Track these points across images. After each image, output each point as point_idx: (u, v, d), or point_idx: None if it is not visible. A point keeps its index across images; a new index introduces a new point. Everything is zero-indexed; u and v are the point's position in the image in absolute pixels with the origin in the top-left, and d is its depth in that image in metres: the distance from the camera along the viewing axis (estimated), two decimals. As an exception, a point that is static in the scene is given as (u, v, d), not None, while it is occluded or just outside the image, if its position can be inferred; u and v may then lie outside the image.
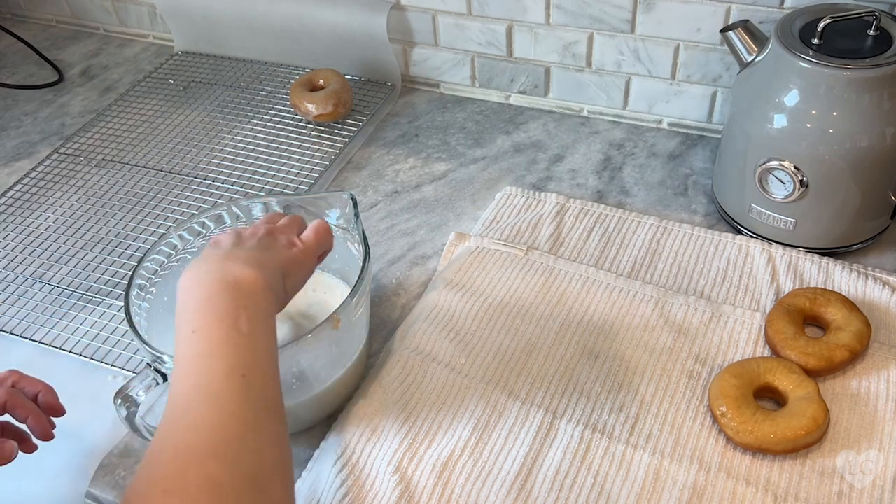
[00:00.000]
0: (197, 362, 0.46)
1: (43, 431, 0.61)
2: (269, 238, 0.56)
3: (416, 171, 0.94)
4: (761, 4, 0.83)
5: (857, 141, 0.70)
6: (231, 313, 0.48)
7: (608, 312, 0.73)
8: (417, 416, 0.65)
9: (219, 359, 0.46)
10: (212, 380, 0.45)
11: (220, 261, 0.52)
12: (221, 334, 0.47)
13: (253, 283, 0.50)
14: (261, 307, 0.49)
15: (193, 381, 0.45)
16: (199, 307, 0.48)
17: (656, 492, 0.60)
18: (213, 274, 0.50)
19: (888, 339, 0.68)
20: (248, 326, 0.47)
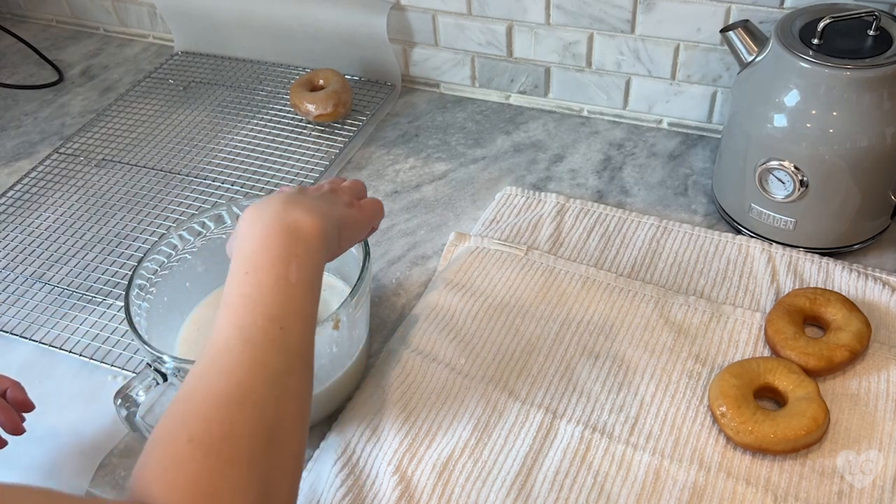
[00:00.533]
0: (242, 305, 0.48)
1: (14, 426, 0.62)
2: (331, 194, 0.59)
3: (416, 171, 0.94)
4: (761, 4, 0.83)
5: (857, 141, 0.70)
6: (283, 260, 0.49)
7: (608, 312, 0.73)
8: (417, 416, 0.65)
9: (263, 306, 0.48)
10: (253, 324, 0.47)
11: (282, 203, 0.53)
12: (270, 281, 0.49)
13: (310, 230, 0.52)
14: (312, 256, 0.51)
15: (236, 322, 0.47)
16: (254, 248, 0.50)
17: (656, 492, 0.60)
18: (274, 216, 0.52)
19: (888, 339, 0.68)
20: (296, 276, 0.49)
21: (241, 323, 0.47)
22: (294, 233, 0.51)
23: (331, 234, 0.54)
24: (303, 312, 0.49)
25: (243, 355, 0.45)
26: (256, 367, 0.45)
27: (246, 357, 0.45)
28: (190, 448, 0.41)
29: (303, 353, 0.49)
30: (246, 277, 0.49)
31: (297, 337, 0.48)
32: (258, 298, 0.48)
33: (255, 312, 0.47)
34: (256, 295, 0.48)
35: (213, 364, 0.46)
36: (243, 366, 0.45)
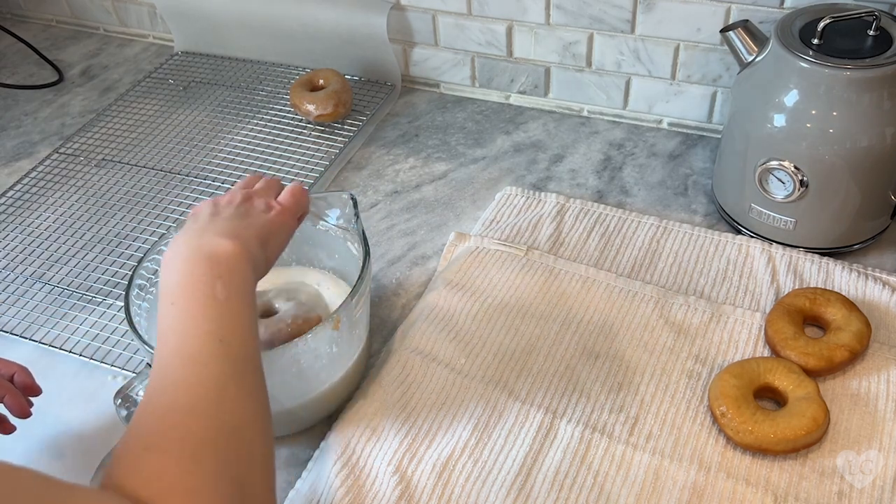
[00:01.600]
0: (175, 329, 0.48)
1: (21, 410, 0.63)
2: (246, 205, 0.57)
3: (416, 171, 0.94)
4: (761, 4, 0.83)
5: (857, 141, 0.70)
6: (208, 283, 0.49)
7: (608, 312, 0.73)
8: (417, 416, 0.65)
9: (196, 326, 0.47)
10: (189, 343, 0.47)
11: (196, 234, 0.53)
12: (198, 303, 0.48)
13: (229, 254, 0.51)
14: (238, 276, 0.51)
15: (172, 346, 0.47)
16: (177, 280, 0.50)
17: (656, 492, 0.60)
18: (191, 248, 0.52)
19: (888, 339, 0.68)
20: (224, 293, 0.49)
21: (177, 345, 0.47)
22: (214, 258, 0.51)
23: (254, 253, 0.53)
24: (239, 323, 0.49)
25: (185, 372, 0.45)
26: (201, 381, 0.45)
27: (188, 373, 0.45)
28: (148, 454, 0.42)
29: (248, 358, 0.48)
30: (173, 308, 0.49)
31: (238, 346, 0.48)
32: (190, 321, 0.48)
33: (188, 334, 0.47)
34: (187, 318, 0.48)
35: (157, 387, 0.46)
36: (187, 381, 0.45)
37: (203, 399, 0.44)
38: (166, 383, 0.45)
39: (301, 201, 0.61)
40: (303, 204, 0.61)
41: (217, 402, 0.44)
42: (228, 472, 0.42)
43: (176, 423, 0.43)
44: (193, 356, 0.46)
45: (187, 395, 0.44)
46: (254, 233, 0.54)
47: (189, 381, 0.45)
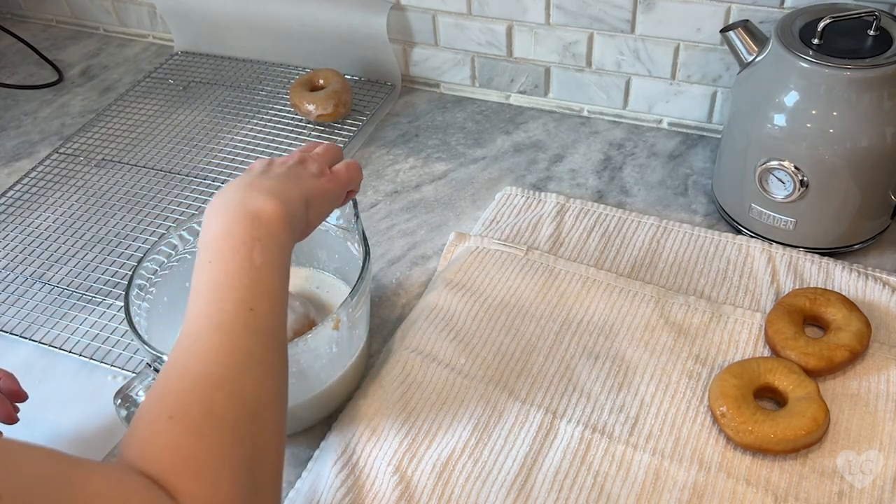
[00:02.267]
0: (210, 291, 0.48)
1: (6, 415, 0.63)
2: (298, 166, 0.58)
3: (416, 171, 0.94)
4: (761, 4, 0.83)
5: (857, 141, 0.70)
6: (247, 244, 0.49)
7: (608, 312, 0.73)
8: (417, 416, 0.65)
9: (230, 290, 0.48)
10: (221, 310, 0.47)
11: (243, 189, 0.53)
12: (235, 265, 0.49)
13: (271, 214, 0.51)
14: (276, 239, 0.51)
15: (205, 310, 0.47)
16: (216, 235, 0.51)
17: (656, 492, 0.60)
18: (235, 203, 0.52)
19: (888, 339, 0.68)
20: (261, 258, 0.49)
21: (209, 310, 0.47)
22: (256, 218, 0.51)
23: (296, 215, 0.54)
24: (271, 293, 0.49)
25: (215, 340, 0.46)
26: (229, 351, 0.45)
27: (218, 341, 0.46)
28: (170, 424, 0.42)
29: (275, 332, 0.49)
30: (210, 265, 0.49)
31: (267, 317, 0.48)
32: (224, 283, 0.48)
33: (222, 298, 0.48)
34: (222, 279, 0.48)
35: (186, 350, 0.46)
36: (216, 350, 0.45)
37: (230, 372, 0.44)
38: (196, 349, 0.45)
39: (355, 176, 0.61)
40: (356, 179, 0.62)
41: (242, 379, 0.45)
42: (244, 455, 0.42)
43: (202, 398, 0.43)
44: (224, 325, 0.46)
45: (216, 366, 0.44)
46: (299, 194, 0.55)
47: (219, 351, 0.45)
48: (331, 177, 0.59)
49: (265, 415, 0.45)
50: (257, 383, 0.45)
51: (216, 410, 0.42)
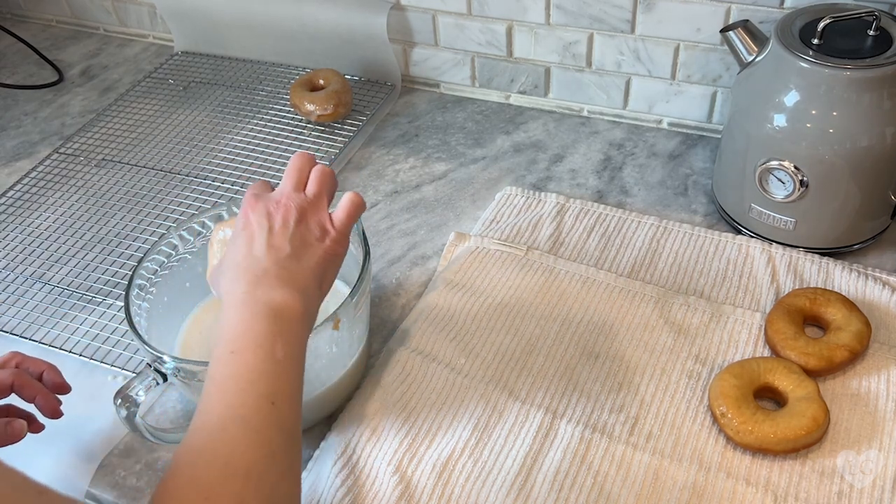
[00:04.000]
0: (233, 384, 0.48)
1: (52, 409, 0.63)
2: (301, 228, 0.55)
3: (416, 171, 0.94)
4: (761, 4, 0.83)
5: (857, 141, 0.70)
6: (269, 340, 0.49)
7: (608, 312, 0.73)
8: (417, 416, 0.65)
9: (253, 384, 0.48)
10: (244, 403, 0.47)
11: (256, 279, 0.52)
12: (257, 360, 0.49)
13: (291, 311, 0.51)
14: (297, 333, 0.52)
15: (228, 400, 0.47)
16: (238, 331, 0.50)
17: (656, 492, 0.60)
18: (253, 300, 0.51)
19: (888, 339, 0.68)
20: (282, 353, 0.50)
21: (233, 401, 0.47)
22: (277, 315, 0.51)
23: (311, 298, 0.53)
24: (291, 388, 0.50)
25: (240, 433, 0.46)
26: (255, 445, 0.46)
27: (242, 434, 0.46)
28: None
29: (294, 431, 0.49)
30: (232, 357, 0.49)
31: (287, 412, 0.49)
32: (246, 376, 0.48)
33: (245, 390, 0.48)
34: (245, 373, 0.48)
35: (212, 439, 0.46)
36: (242, 443, 0.46)
37: (256, 466, 0.45)
38: (221, 439, 0.46)
39: (357, 215, 0.58)
40: (358, 217, 0.59)
41: (267, 473, 0.45)
42: None
43: (233, 489, 0.44)
44: (248, 418, 0.46)
45: (242, 459, 0.45)
46: (311, 274, 0.54)
47: (245, 444, 0.46)
48: (335, 238, 0.56)
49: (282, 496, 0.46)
50: (281, 478, 0.46)
51: (243, 499, 0.43)
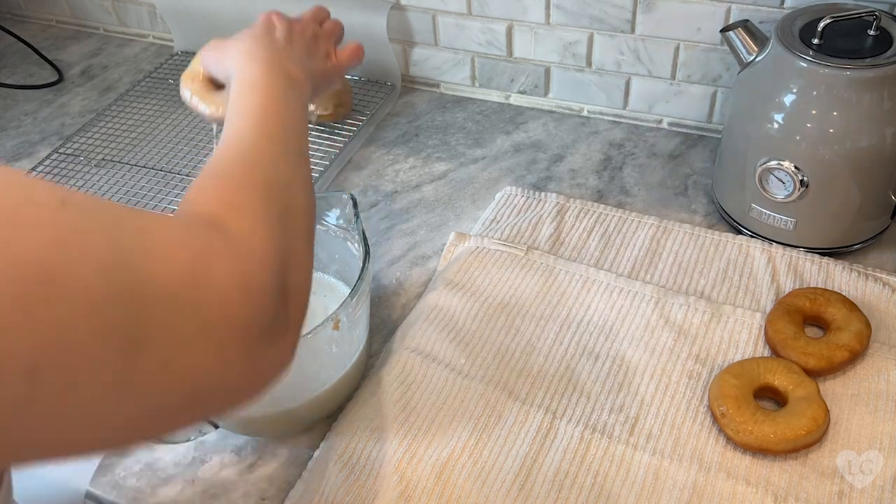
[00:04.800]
0: (256, 108, 0.54)
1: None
2: (313, 44, 0.67)
3: (416, 171, 0.94)
4: (761, 4, 0.83)
5: (857, 141, 0.70)
6: (283, 89, 0.57)
7: (608, 312, 0.73)
8: (417, 416, 0.65)
9: (274, 108, 0.55)
10: (267, 121, 0.53)
11: (275, 52, 0.61)
12: (275, 96, 0.56)
13: (301, 83, 0.60)
14: (302, 101, 0.60)
15: (251, 121, 0.53)
16: (258, 74, 0.57)
17: (656, 492, 0.60)
18: (272, 61, 0.59)
19: (888, 339, 0.68)
20: (294, 103, 0.57)
21: (256, 124, 0.53)
22: (290, 79, 0.59)
23: (308, 88, 0.62)
24: (300, 126, 0.56)
25: (258, 140, 0.51)
26: (270, 146, 0.51)
27: (260, 141, 0.51)
28: (215, 181, 0.46)
29: (305, 155, 0.55)
30: (253, 91, 0.55)
31: (300, 143, 0.55)
32: (269, 105, 0.54)
33: (268, 111, 0.54)
34: (267, 102, 0.55)
35: (231, 144, 0.51)
36: (259, 144, 0.51)
37: (268, 154, 0.50)
38: (244, 143, 0.51)
39: (357, 59, 0.74)
40: (358, 60, 0.74)
41: (277, 161, 0.50)
42: (278, 208, 0.45)
43: (244, 164, 0.48)
44: (266, 130, 0.52)
45: (257, 151, 0.50)
46: (313, 74, 0.64)
47: (261, 144, 0.51)
48: (335, 64, 0.70)
49: (296, 189, 0.49)
50: (289, 174, 0.50)
51: (255, 174, 0.47)
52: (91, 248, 0.31)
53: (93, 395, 0.30)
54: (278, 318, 0.39)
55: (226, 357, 0.36)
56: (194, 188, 0.46)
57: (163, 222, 0.37)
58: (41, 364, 0.28)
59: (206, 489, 0.64)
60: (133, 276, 0.32)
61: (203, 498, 0.64)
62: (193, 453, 0.67)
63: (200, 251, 0.36)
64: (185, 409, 0.36)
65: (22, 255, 0.28)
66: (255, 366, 0.38)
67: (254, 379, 0.38)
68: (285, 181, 0.49)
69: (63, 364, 0.28)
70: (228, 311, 0.35)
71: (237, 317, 0.36)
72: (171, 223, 0.38)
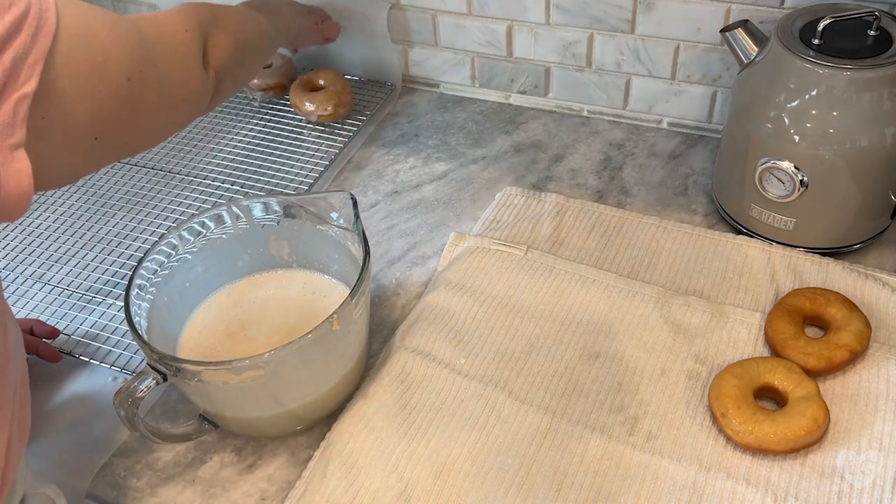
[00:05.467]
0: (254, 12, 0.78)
1: (52, 355, 0.74)
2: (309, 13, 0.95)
3: (416, 171, 0.94)
4: (761, 4, 0.83)
5: (857, 141, 0.70)
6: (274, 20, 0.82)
7: (608, 312, 0.73)
8: (417, 416, 0.65)
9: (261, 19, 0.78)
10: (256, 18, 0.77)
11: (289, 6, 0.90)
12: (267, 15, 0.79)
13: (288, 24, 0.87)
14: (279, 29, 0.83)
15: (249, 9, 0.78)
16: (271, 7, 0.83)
17: (655, 492, 0.60)
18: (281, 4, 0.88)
19: (888, 339, 0.68)
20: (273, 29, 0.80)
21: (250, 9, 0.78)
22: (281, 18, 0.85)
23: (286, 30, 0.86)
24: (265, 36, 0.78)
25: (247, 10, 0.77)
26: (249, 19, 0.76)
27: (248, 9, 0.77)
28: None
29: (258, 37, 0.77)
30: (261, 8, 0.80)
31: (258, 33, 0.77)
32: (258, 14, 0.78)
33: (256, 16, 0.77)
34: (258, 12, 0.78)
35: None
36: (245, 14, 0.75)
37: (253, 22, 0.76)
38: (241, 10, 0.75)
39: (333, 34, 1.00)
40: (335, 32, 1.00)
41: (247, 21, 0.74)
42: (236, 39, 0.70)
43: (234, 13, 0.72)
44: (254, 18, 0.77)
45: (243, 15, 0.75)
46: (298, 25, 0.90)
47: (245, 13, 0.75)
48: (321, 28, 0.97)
49: (255, 46, 0.75)
50: (258, 39, 0.76)
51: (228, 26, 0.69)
52: (134, 44, 0.54)
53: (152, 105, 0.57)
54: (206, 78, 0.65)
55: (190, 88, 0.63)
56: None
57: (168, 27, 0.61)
58: (131, 76, 0.53)
59: (206, 489, 0.64)
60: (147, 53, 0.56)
61: (203, 498, 0.64)
62: (193, 453, 0.67)
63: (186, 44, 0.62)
64: (178, 115, 0.63)
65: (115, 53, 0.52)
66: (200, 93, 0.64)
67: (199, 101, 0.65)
68: (242, 39, 0.71)
69: (138, 79, 0.54)
70: (191, 75, 0.62)
71: (193, 79, 0.63)
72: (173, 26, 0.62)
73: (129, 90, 0.53)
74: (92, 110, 0.50)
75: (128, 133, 0.55)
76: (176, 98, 0.60)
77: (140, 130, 0.57)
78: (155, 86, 0.56)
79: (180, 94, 0.61)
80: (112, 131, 0.53)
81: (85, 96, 0.49)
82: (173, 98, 0.60)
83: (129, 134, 0.56)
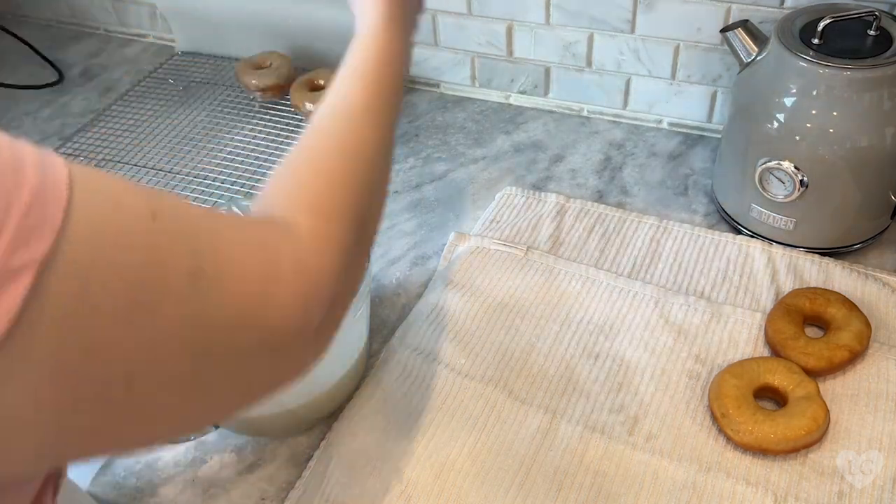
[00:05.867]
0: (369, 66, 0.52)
1: None
2: None
3: (416, 171, 0.94)
4: (761, 4, 0.83)
5: (857, 141, 0.70)
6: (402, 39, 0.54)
7: (608, 312, 0.73)
8: (417, 416, 0.65)
9: (388, 70, 0.52)
10: (380, 88, 0.51)
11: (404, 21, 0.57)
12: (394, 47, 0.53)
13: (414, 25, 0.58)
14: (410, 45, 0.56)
15: (362, 87, 0.52)
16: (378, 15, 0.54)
17: (655, 491, 0.60)
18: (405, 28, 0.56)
19: (888, 339, 0.68)
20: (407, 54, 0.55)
21: (363, 88, 0.52)
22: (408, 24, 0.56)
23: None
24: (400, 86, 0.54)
25: (363, 115, 0.50)
26: (373, 130, 0.49)
27: (364, 113, 0.50)
28: (305, 172, 0.45)
29: (393, 126, 0.52)
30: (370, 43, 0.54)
31: (396, 114, 0.52)
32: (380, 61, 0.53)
33: (377, 80, 0.52)
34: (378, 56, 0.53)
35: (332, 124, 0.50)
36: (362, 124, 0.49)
37: (371, 147, 0.47)
38: (348, 117, 0.49)
39: None
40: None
41: (377, 156, 0.47)
42: (357, 217, 0.44)
43: (344, 164, 0.45)
44: (376, 100, 0.50)
45: (359, 140, 0.47)
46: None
47: (364, 131, 0.48)
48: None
49: (380, 190, 0.47)
50: (382, 170, 0.48)
51: (352, 169, 0.45)
52: (177, 262, 0.32)
53: (168, 402, 0.33)
54: (325, 322, 0.40)
55: (276, 360, 0.38)
56: (270, 184, 0.45)
57: (234, 233, 0.37)
58: (136, 372, 0.31)
59: (206, 489, 0.65)
60: (207, 290, 0.33)
61: (203, 498, 0.64)
62: (193, 453, 0.67)
63: (267, 263, 0.37)
64: (236, 404, 0.39)
65: (115, 271, 0.30)
66: (299, 364, 0.41)
67: (295, 372, 0.41)
68: (378, 180, 0.47)
69: (151, 373, 0.32)
70: (286, 323, 0.37)
71: (292, 328, 0.37)
72: (242, 233, 0.38)
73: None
74: None
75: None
76: None
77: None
78: None
79: None
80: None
81: None
82: None
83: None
